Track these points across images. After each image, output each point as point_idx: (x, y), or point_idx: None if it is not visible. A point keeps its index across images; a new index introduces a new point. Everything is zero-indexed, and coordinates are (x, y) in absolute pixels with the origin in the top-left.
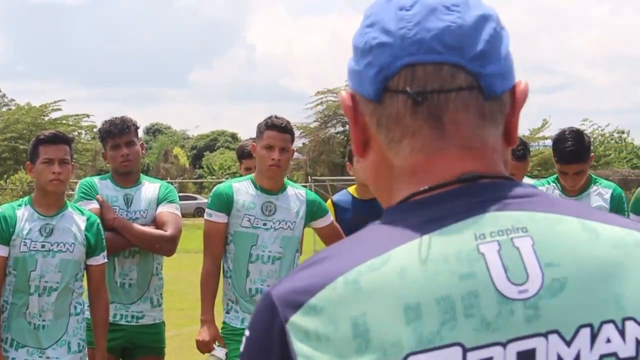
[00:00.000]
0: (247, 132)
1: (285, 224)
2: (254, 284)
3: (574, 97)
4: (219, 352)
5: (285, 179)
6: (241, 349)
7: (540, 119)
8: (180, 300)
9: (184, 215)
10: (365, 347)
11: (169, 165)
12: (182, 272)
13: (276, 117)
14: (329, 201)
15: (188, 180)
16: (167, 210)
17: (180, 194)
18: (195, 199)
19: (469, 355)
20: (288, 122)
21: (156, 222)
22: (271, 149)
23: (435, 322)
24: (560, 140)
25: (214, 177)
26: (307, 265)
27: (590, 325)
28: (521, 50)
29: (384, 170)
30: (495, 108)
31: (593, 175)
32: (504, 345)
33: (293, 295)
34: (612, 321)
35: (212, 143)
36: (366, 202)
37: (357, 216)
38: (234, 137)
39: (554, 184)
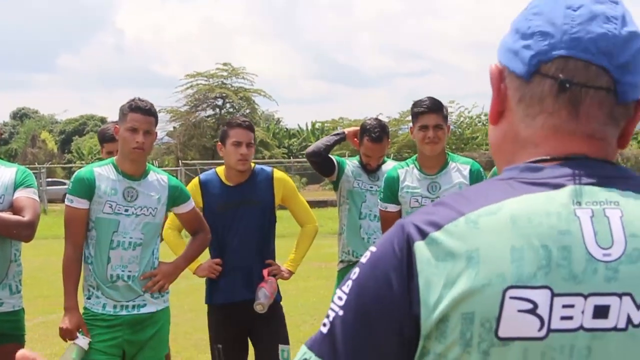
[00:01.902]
0: (117, 117)
1: (147, 210)
2: (115, 270)
3: (441, 81)
4: (82, 340)
5: (148, 164)
6: (363, 260)
7: (409, 102)
8: (47, 287)
9: (53, 201)
10: (475, 276)
11: (36, 150)
12: (51, 258)
13: (140, 99)
14: (196, 179)
15: (56, 165)
16: (25, 195)
17: (49, 179)
18: (64, 184)
19: (556, 299)
20: (152, 105)
21: (13, 208)
22: (135, 132)
23: (534, 265)
24: (416, 101)
25: (83, 161)
26: (435, 205)
27: None
28: (389, 35)
29: (511, 138)
30: (622, 112)
31: (450, 153)
32: (585, 297)
33: (421, 225)
34: None
35: (81, 127)
36: (234, 188)
37: (223, 201)
38: (103, 121)
39: (414, 165)
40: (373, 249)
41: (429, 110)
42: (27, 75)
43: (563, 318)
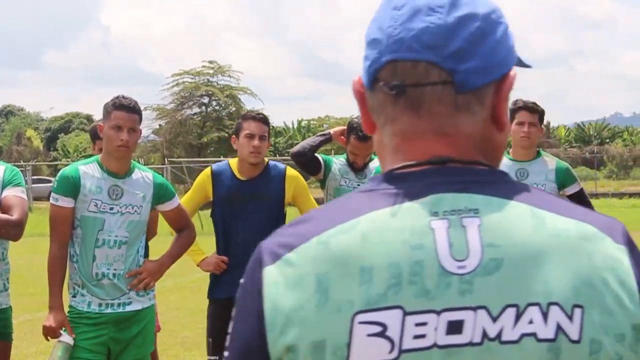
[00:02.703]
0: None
1: (132, 208)
2: (100, 268)
3: None
4: (66, 337)
5: (133, 162)
6: (237, 294)
7: None
8: (32, 284)
9: (39, 199)
10: (324, 302)
11: (22, 148)
12: (36, 256)
13: (123, 97)
14: (208, 169)
15: (42, 163)
16: (13, 194)
17: (35, 177)
18: (50, 181)
19: (407, 318)
20: (136, 102)
21: (1, 206)
22: (119, 130)
23: (384, 285)
24: None
25: (69, 159)
26: (294, 224)
27: (516, 306)
28: None
29: (382, 146)
30: (472, 100)
31: None
32: (438, 313)
33: (275, 248)
34: (538, 304)
35: (66, 125)
36: (245, 182)
37: (233, 194)
38: (89, 119)
39: None
40: (242, 280)
41: None
42: (13, 72)
43: (416, 337)
